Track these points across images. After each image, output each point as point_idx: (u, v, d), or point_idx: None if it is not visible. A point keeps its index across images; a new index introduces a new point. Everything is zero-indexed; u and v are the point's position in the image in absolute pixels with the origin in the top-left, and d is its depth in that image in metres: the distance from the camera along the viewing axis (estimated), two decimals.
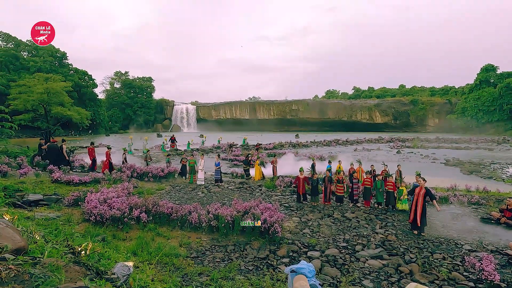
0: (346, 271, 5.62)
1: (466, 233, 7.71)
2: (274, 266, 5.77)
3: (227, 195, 11.27)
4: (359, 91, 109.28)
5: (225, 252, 6.33)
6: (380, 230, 7.79)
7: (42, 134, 28.72)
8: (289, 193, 11.83)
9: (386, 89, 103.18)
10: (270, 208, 7.87)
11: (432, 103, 79.08)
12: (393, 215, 9.21)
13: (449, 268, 5.66)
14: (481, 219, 8.86)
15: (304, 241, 6.96)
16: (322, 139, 41.57)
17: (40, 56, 58.56)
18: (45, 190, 9.94)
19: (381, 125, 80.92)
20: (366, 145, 37.11)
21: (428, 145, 36.46)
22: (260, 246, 6.66)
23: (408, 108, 79.60)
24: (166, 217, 7.80)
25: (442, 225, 8.33)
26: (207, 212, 7.75)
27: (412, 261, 5.99)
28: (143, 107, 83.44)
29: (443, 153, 28.81)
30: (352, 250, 6.56)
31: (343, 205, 10.20)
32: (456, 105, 72.49)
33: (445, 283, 5.19)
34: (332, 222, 8.44)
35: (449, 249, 6.63)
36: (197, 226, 7.47)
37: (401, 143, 38.25)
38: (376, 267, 5.79)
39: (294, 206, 9.95)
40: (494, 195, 11.69)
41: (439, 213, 9.44)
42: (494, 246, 6.80)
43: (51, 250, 3.04)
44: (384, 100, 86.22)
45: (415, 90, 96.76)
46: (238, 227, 7.26)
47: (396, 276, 5.47)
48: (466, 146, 36.46)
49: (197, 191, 11.96)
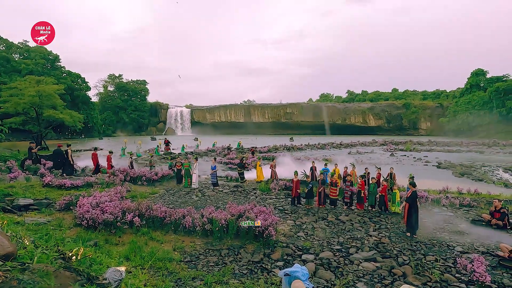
0: (340, 274, 5.63)
1: (458, 235, 7.80)
2: (269, 269, 5.75)
3: (222, 199, 11.23)
4: (353, 95, 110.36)
5: (219, 256, 6.29)
6: (374, 233, 7.83)
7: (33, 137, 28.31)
8: (284, 196, 11.84)
9: (379, 93, 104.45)
10: (264, 211, 7.85)
11: (424, 106, 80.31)
12: (387, 217, 9.28)
13: (442, 270, 5.72)
14: (472, 221, 8.98)
15: (298, 244, 6.96)
16: (317, 142, 41.78)
17: (32, 58, 57.88)
18: (35, 195, 9.77)
19: (375, 128, 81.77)
20: (360, 148, 37.40)
21: (421, 148, 36.90)
22: (255, 249, 6.64)
23: (401, 111, 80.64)
24: (159, 221, 7.72)
25: (435, 227, 8.41)
26: (201, 216, 7.70)
27: (405, 263, 6.04)
28: (137, 110, 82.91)
29: (435, 156, 29.19)
30: (346, 252, 6.58)
31: (337, 208, 10.24)
32: (447, 109, 73.68)
33: (438, 285, 5.24)
34: (327, 225, 8.46)
35: (441, 251, 6.70)
36: (191, 230, 7.42)
37: (394, 146, 38.66)
38: (370, 269, 5.81)
39: (288, 209, 9.96)
40: (485, 197, 11.87)
41: (432, 216, 9.56)
42: (485, 248, 6.89)
43: (40, 255, 2.98)
44: (378, 103, 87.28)
45: (408, 93, 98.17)
46: (232, 231, 7.22)
47: (389, 278, 5.50)
48: (458, 149, 37.01)
49: (191, 194, 11.89)
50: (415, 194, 7.78)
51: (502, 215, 8.45)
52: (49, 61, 61.84)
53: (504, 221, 8.34)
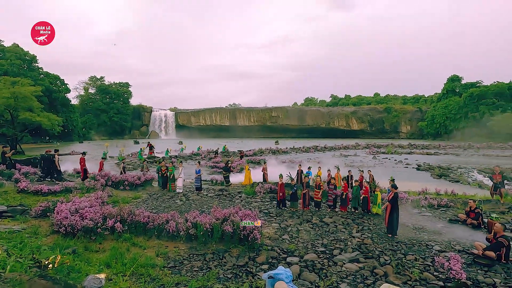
0: (324, 275, 5.70)
1: (436, 234, 8.09)
2: (254, 273, 5.74)
3: (206, 203, 11.12)
4: (337, 99, 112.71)
5: (203, 261, 6.21)
6: (357, 234, 7.99)
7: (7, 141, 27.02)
8: (269, 199, 11.88)
9: (362, 97, 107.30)
10: (249, 215, 7.84)
11: (404, 111, 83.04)
12: (369, 219, 9.49)
13: (421, 269, 5.90)
14: (449, 220, 9.34)
15: (283, 247, 7.00)
16: (302, 145, 42.25)
17: (7, 58, 55.30)
18: (9, 201, 9.32)
19: (358, 132, 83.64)
20: (343, 151, 38.14)
21: (402, 151, 38.11)
22: (240, 253, 6.61)
23: (383, 115, 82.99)
24: (142, 226, 7.55)
25: (414, 227, 8.68)
26: (185, 220, 7.59)
27: (386, 263, 6.19)
28: (119, 113, 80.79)
29: (415, 158, 30.21)
30: (330, 254, 6.67)
31: (321, 210, 10.38)
32: (426, 113, 76.55)
33: (417, 283, 5.40)
34: (311, 227, 8.55)
35: (420, 250, 6.92)
36: (174, 235, 7.29)
37: (376, 149, 39.70)
38: (353, 270, 5.92)
39: (273, 212, 9.99)
40: (461, 198, 12.39)
41: (412, 216, 9.87)
42: (461, 246, 7.18)
43: (14, 264, 2.85)
44: (360, 107, 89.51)
45: (389, 98, 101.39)
46: (217, 235, 7.16)
47: (371, 278, 5.61)
48: (436, 151, 38.49)
49: (175, 199, 11.70)
50: (396, 195, 8.02)
51: (477, 215, 8.84)
52: (26, 62, 59.26)
53: (478, 220, 8.73)
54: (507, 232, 7.41)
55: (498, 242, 6.24)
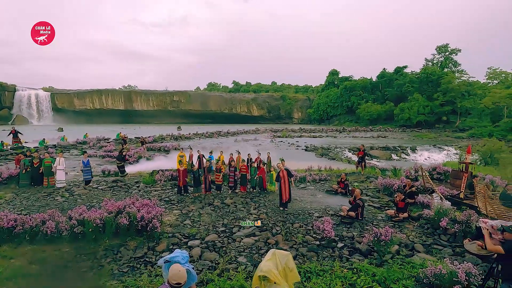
0: (224, 252, 6.07)
1: (316, 203, 9.68)
2: (153, 262, 5.59)
3: (97, 197, 9.91)
4: (238, 85, 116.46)
5: (94, 260, 5.62)
6: (254, 211, 8.74)
7: None
8: (170, 186, 11.54)
9: (261, 85, 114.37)
10: (148, 204, 7.49)
11: (296, 99, 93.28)
12: (265, 196, 10.49)
13: (304, 233, 7.01)
14: (326, 191, 11.31)
15: (184, 232, 7.02)
16: (205, 131, 42.16)
17: None
18: None
19: (258, 118, 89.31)
20: (245, 136, 40.16)
21: (294, 135, 43.00)
22: (137, 245, 6.28)
23: (279, 102, 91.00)
24: (7, 232, 6.17)
25: (300, 199, 10.13)
26: (68, 218, 6.63)
27: (278, 233, 7.07)
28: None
29: (304, 141, 34.68)
30: (230, 232, 7.11)
31: (222, 193, 10.80)
32: (313, 101, 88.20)
33: (301, 245, 6.42)
34: (212, 210, 8.84)
35: (304, 218, 8.17)
36: (55, 237, 6.28)
37: (273, 134, 43.50)
38: (250, 244, 6.51)
39: (175, 199, 9.80)
40: (336, 172, 15.09)
41: (298, 190, 11.43)
42: (333, 211, 8.84)
43: None
44: (260, 94, 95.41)
45: (284, 87, 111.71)
46: (110, 230, 6.56)
47: (265, 248, 6.32)
48: (320, 134, 45.18)
49: (54, 195, 9.95)
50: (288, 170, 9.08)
51: (345, 185, 11.02)
52: None
53: (345, 189, 10.90)
54: (363, 195, 9.55)
55: (356, 203, 7.98)
